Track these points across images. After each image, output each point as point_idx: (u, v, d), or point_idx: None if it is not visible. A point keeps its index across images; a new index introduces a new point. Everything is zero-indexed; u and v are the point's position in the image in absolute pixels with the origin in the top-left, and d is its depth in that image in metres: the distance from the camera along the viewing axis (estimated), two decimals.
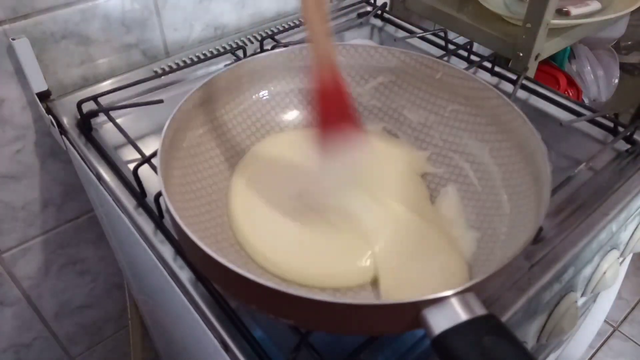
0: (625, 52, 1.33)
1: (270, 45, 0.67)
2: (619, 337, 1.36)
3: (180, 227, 0.33)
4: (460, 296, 0.30)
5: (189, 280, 0.42)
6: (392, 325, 0.32)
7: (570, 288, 0.51)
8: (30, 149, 0.65)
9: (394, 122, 0.53)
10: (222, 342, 0.39)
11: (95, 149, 0.55)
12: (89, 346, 0.92)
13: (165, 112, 0.42)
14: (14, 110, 0.61)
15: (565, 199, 0.50)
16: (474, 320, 0.29)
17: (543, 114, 0.61)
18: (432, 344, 0.29)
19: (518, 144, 0.44)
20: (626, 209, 0.51)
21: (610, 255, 0.56)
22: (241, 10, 0.74)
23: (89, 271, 0.83)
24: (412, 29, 0.76)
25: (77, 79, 0.64)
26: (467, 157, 0.48)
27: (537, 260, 0.44)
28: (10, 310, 0.77)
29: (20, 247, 0.72)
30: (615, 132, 0.57)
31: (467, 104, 0.49)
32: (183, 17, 0.69)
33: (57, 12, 0.58)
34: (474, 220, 0.44)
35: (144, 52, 0.68)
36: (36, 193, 0.69)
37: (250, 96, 0.51)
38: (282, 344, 0.38)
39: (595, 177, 0.53)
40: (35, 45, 0.58)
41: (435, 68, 0.50)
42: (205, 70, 0.66)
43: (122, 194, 0.50)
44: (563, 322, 0.51)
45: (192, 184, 0.43)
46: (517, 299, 0.42)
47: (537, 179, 0.40)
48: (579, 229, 0.47)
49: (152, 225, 0.47)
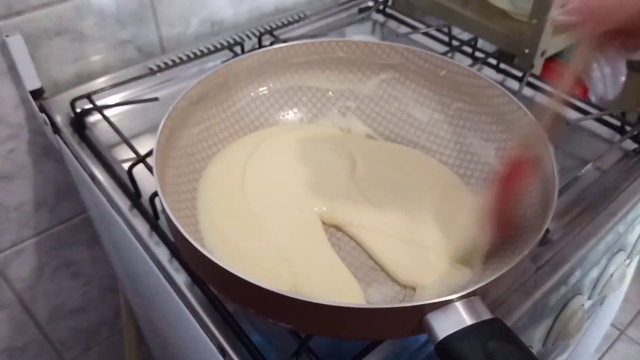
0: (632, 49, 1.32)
1: (268, 41, 0.67)
2: (625, 340, 1.35)
3: (176, 228, 0.32)
4: (465, 300, 0.30)
5: (185, 283, 0.42)
6: (394, 330, 0.32)
7: (577, 291, 0.51)
8: (23, 148, 0.64)
9: (396, 121, 0.52)
10: (219, 347, 0.39)
11: (89, 148, 0.54)
12: (83, 350, 0.92)
13: (161, 110, 0.41)
14: (6, 109, 0.61)
15: (571, 199, 0.49)
16: (478, 324, 0.29)
17: None
18: (435, 348, 0.29)
19: (524, 143, 0.43)
20: (633, 210, 0.50)
21: (618, 257, 0.55)
22: (239, 5, 0.73)
23: (82, 273, 0.82)
24: (415, 24, 0.75)
25: (71, 76, 0.63)
26: (472, 157, 0.47)
27: (544, 262, 0.44)
28: (4, 313, 0.76)
29: (14, 249, 0.71)
30: (622, 131, 0.57)
31: (472, 102, 0.48)
32: (179, 12, 0.68)
33: (51, 9, 0.58)
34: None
35: (139, 49, 0.67)
36: (29, 193, 0.68)
37: (248, 93, 0.50)
38: (282, 349, 0.38)
39: (602, 177, 0.52)
40: (29, 42, 0.57)
41: (439, 65, 0.49)
42: (202, 66, 0.66)
43: (117, 194, 0.49)
44: (569, 326, 0.50)
45: (188, 183, 0.43)
46: (523, 302, 0.41)
47: (544, 179, 0.39)
48: (585, 231, 0.47)
49: (147, 227, 0.46)
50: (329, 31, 0.73)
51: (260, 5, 0.75)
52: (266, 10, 0.76)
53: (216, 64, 0.65)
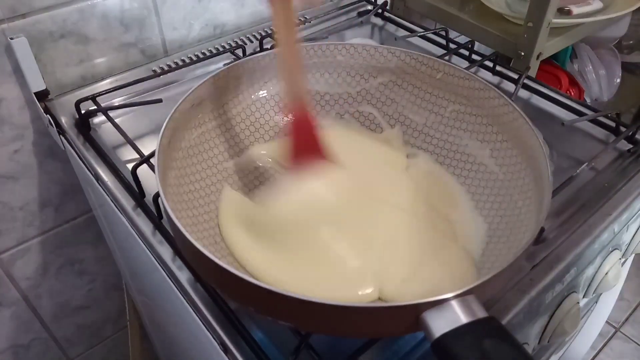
0: (627, 51, 1.33)
1: (270, 44, 0.67)
2: (620, 338, 1.35)
3: (177, 228, 0.32)
4: (460, 298, 0.30)
5: (188, 281, 0.42)
6: (391, 327, 0.32)
7: (572, 289, 0.51)
8: (28, 148, 0.65)
9: (393, 122, 0.53)
10: (222, 344, 0.39)
11: (94, 148, 0.55)
12: (88, 347, 0.92)
13: (164, 112, 0.42)
14: (12, 110, 0.61)
15: (566, 199, 0.49)
16: (474, 322, 0.29)
17: (545, 114, 0.61)
18: (431, 346, 0.29)
19: (519, 144, 0.44)
20: (628, 210, 0.50)
21: (612, 256, 0.56)
22: (241, 9, 0.74)
23: (87, 272, 0.82)
24: (413, 27, 0.76)
25: (76, 78, 0.64)
26: (467, 158, 0.48)
27: (539, 261, 0.44)
28: (9, 311, 0.77)
29: (19, 248, 0.72)
30: (617, 132, 0.57)
31: (468, 104, 0.48)
32: (182, 15, 0.68)
33: (56, 11, 0.58)
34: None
35: (142, 51, 0.67)
36: (34, 193, 0.69)
37: (249, 96, 0.51)
38: (282, 346, 0.38)
39: (597, 177, 0.53)
40: (34, 44, 0.57)
41: (436, 67, 0.50)
42: (205, 69, 0.66)
43: (121, 194, 0.50)
44: (565, 324, 0.50)
45: (190, 184, 0.43)
46: (518, 300, 0.42)
47: (539, 180, 0.39)
48: (580, 230, 0.47)
49: (151, 226, 0.47)
50: (329, 34, 0.74)
51: (261, 9, 0.76)
52: (267, 14, 0.77)
53: (218, 66, 0.66)
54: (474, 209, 0.45)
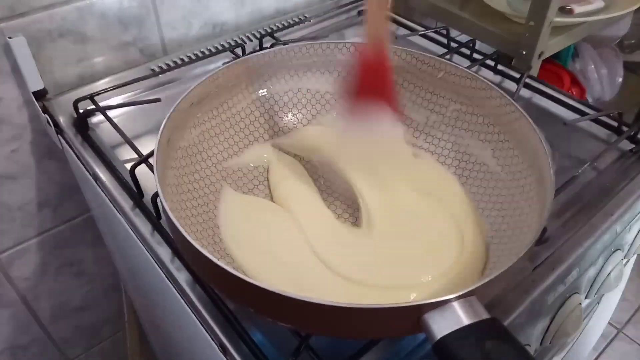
0: (629, 50, 1.32)
1: (269, 43, 0.67)
2: (623, 339, 1.35)
3: (176, 228, 0.32)
4: (462, 300, 0.30)
5: (186, 282, 0.42)
6: (392, 329, 0.32)
7: (575, 290, 0.51)
8: (26, 148, 0.65)
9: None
10: (221, 345, 0.39)
11: (92, 148, 0.55)
12: (86, 349, 0.92)
13: (163, 111, 0.41)
14: (10, 110, 0.61)
15: (568, 199, 0.49)
16: (476, 324, 0.29)
17: (546, 113, 0.61)
18: (432, 348, 0.29)
19: (521, 144, 0.43)
20: (630, 210, 0.50)
21: (615, 257, 0.55)
22: (240, 8, 0.73)
23: (85, 273, 0.82)
24: (414, 26, 0.76)
25: (74, 77, 0.63)
26: (469, 158, 0.48)
27: (541, 261, 0.44)
28: (7, 312, 0.76)
29: (17, 248, 0.72)
30: (619, 132, 0.57)
31: (470, 103, 0.48)
32: (181, 14, 0.68)
33: (54, 10, 0.58)
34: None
35: (141, 51, 0.67)
36: (33, 193, 0.69)
37: (248, 95, 0.51)
38: (282, 347, 0.38)
39: (599, 177, 0.52)
40: (32, 43, 0.57)
41: (437, 67, 0.49)
42: (204, 68, 0.66)
43: (119, 194, 0.50)
44: (567, 325, 0.50)
45: (189, 184, 0.43)
46: (520, 301, 0.41)
47: (541, 179, 0.39)
48: (582, 230, 0.47)
49: (150, 226, 0.46)
50: (329, 33, 0.74)
51: (261, 7, 0.76)
52: (267, 12, 0.77)
53: (217, 65, 0.65)
54: (476, 210, 0.45)
